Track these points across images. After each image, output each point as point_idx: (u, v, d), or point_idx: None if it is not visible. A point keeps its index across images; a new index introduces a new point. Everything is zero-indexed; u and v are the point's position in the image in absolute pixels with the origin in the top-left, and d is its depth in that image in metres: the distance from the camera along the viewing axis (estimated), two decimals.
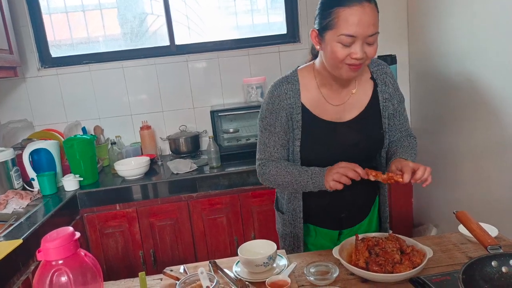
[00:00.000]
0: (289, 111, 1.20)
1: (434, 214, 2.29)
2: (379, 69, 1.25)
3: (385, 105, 1.23)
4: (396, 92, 1.26)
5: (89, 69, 2.48)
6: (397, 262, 1.01)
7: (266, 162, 1.24)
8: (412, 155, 1.22)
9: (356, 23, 1.01)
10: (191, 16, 2.58)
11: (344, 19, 1.02)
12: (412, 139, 1.30)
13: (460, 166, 1.97)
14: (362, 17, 1.01)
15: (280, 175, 1.20)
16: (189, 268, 1.14)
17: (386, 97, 1.23)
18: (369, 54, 1.07)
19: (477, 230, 1.00)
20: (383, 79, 1.24)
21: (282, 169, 1.20)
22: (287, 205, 1.31)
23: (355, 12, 1.01)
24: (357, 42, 1.04)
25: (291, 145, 1.23)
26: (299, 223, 1.29)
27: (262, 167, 1.25)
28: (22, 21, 2.39)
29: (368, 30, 1.03)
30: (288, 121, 1.21)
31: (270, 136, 1.23)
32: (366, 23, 1.02)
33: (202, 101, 2.57)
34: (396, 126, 1.28)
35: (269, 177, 1.24)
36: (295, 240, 1.32)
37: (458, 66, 1.89)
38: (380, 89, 1.23)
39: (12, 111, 2.45)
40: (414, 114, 2.40)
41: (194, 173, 2.10)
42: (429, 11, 2.10)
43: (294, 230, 1.31)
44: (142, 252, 2.06)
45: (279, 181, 1.21)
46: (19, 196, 1.81)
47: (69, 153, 2.03)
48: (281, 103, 1.20)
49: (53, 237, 0.76)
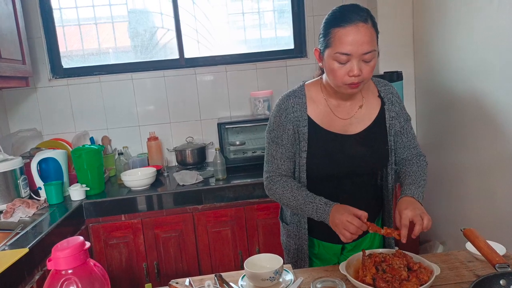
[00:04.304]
0: (296, 123, 1.23)
1: (441, 231, 2.27)
2: (386, 89, 1.29)
3: (392, 123, 1.27)
4: (403, 111, 1.30)
5: (99, 80, 2.52)
6: (404, 279, 1.00)
7: (274, 177, 1.27)
8: (421, 183, 1.22)
9: (350, 42, 1.07)
10: (200, 30, 2.63)
11: (339, 39, 1.08)
12: (422, 160, 1.31)
13: (466, 182, 1.97)
14: (356, 36, 1.06)
15: (285, 197, 1.23)
16: (194, 281, 1.14)
17: (393, 116, 1.27)
18: (365, 72, 1.10)
19: (485, 248, 0.99)
20: (390, 98, 1.28)
21: (288, 191, 1.22)
22: (291, 217, 1.33)
23: (349, 32, 1.07)
24: (352, 60, 1.08)
25: (297, 157, 1.25)
26: (303, 234, 1.30)
27: (269, 181, 1.28)
28: (36, 33, 2.44)
29: (362, 49, 1.07)
30: (295, 134, 1.24)
31: (277, 149, 1.26)
32: (360, 41, 1.07)
33: (209, 113, 2.60)
34: (404, 143, 1.31)
35: (275, 194, 1.27)
36: (299, 252, 1.33)
37: (464, 82, 1.90)
38: (387, 108, 1.27)
39: (22, 120, 2.49)
40: (420, 130, 2.41)
41: (199, 185, 2.11)
42: (434, 28, 2.13)
43: (298, 242, 1.32)
44: (145, 264, 2.05)
45: (284, 201, 1.25)
46: (26, 205, 1.83)
47: (77, 163, 2.05)
48: (288, 116, 1.23)
49: (63, 246, 0.77)
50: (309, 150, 1.22)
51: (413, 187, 1.20)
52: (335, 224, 1.12)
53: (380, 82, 1.31)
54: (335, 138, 1.22)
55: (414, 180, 1.23)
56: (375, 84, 1.30)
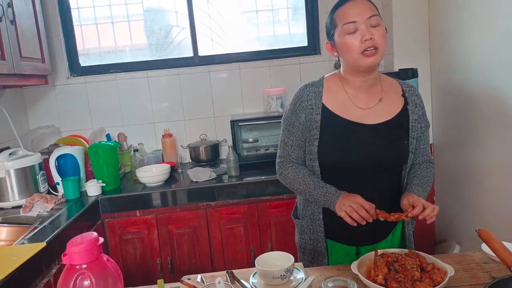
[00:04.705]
0: (309, 111, 1.24)
1: (457, 231, 2.23)
2: (411, 90, 1.30)
3: (414, 126, 1.27)
4: (424, 117, 1.30)
5: (115, 78, 2.56)
6: (417, 280, 0.99)
7: (286, 163, 1.30)
8: (426, 188, 1.26)
9: (352, 12, 1.14)
10: (214, 28, 2.64)
11: (342, 14, 1.16)
12: (431, 166, 1.34)
13: (483, 181, 1.92)
14: (356, 6, 1.15)
15: (296, 182, 1.26)
16: (206, 278, 1.16)
17: (415, 118, 1.27)
18: (376, 36, 1.13)
19: (500, 249, 0.97)
20: (413, 100, 1.28)
21: (300, 176, 1.25)
22: (305, 209, 1.33)
23: (349, 6, 1.16)
24: (360, 26, 1.13)
25: (308, 145, 1.25)
26: (319, 226, 1.30)
27: (281, 166, 1.32)
28: (55, 32, 2.50)
29: (365, 13, 1.13)
30: (306, 122, 1.25)
31: (289, 136, 1.29)
32: (362, 8, 1.14)
33: (223, 110, 2.62)
34: (420, 149, 1.32)
35: (286, 179, 1.30)
36: (315, 247, 1.32)
37: (480, 80, 1.86)
38: (411, 109, 1.27)
39: (41, 117, 2.55)
40: (436, 128, 2.36)
41: (213, 182, 2.12)
42: (450, 24, 2.08)
43: (313, 236, 1.31)
44: (159, 259, 2.08)
45: (294, 186, 1.28)
46: (44, 200, 1.88)
47: (93, 159, 2.09)
48: (302, 104, 1.25)
49: (78, 241, 0.79)
50: (321, 138, 1.23)
51: (420, 188, 1.22)
52: (340, 209, 1.14)
53: (405, 83, 1.32)
54: (350, 125, 1.22)
55: (421, 182, 1.25)
56: (399, 84, 1.30)
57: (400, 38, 2.35)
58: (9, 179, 1.89)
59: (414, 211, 1.10)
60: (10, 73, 1.84)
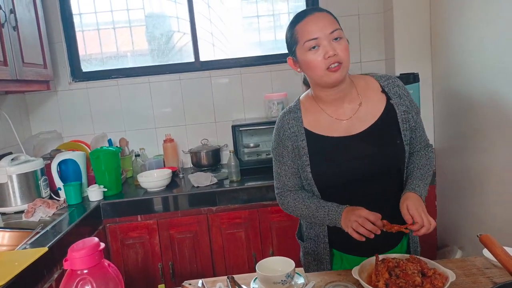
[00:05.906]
0: (294, 139, 1.23)
1: (459, 236, 2.22)
2: (390, 82, 1.24)
3: (405, 118, 1.22)
4: (412, 104, 1.25)
5: (117, 83, 2.58)
6: (418, 285, 0.98)
7: (284, 192, 1.29)
8: (427, 178, 1.22)
9: (313, 28, 1.11)
10: (215, 33, 2.65)
11: (302, 30, 1.13)
12: (430, 151, 1.31)
13: (485, 186, 1.92)
14: (317, 21, 1.12)
15: (298, 208, 1.25)
16: (207, 283, 1.16)
17: (404, 110, 1.22)
18: (339, 51, 1.10)
19: (502, 254, 0.97)
20: (396, 92, 1.23)
21: (300, 202, 1.24)
22: (308, 231, 1.31)
23: (309, 21, 1.13)
24: (322, 42, 1.11)
25: (302, 172, 1.24)
26: (323, 249, 1.28)
27: (280, 197, 1.30)
28: (57, 37, 2.52)
29: (326, 28, 1.11)
30: (294, 150, 1.23)
31: (281, 166, 1.27)
32: (322, 24, 1.11)
33: (224, 115, 2.62)
34: (417, 138, 1.28)
35: (288, 208, 1.29)
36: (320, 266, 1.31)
37: (484, 84, 1.86)
38: (395, 102, 1.22)
39: (43, 122, 2.57)
40: (438, 132, 2.36)
41: (214, 187, 2.13)
42: (453, 28, 2.09)
43: (318, 257, 1.30)
44: (161, 264, 2.08)
45: (297, 212, 1.27)
46: (46, 205, 1.88)
47: (95, 164, 2.10)
48: (285, 132, 1.24)
49: (79, 247, 0.79)
50: (312, 162, 1.20)
51: (421, 183, 1.19)
52: (346, 225, 1.12)
53: (382, 77, 1.26)
54: (337, 142, 1.20)
55: (423, 174, 1.22)
56: (376, 80, 1.25)
57: (402, 42, 2.35)
58: (11, 184, 1.90)
59: (413, 227, 1.09)
60: (12, 79, 1.85)
